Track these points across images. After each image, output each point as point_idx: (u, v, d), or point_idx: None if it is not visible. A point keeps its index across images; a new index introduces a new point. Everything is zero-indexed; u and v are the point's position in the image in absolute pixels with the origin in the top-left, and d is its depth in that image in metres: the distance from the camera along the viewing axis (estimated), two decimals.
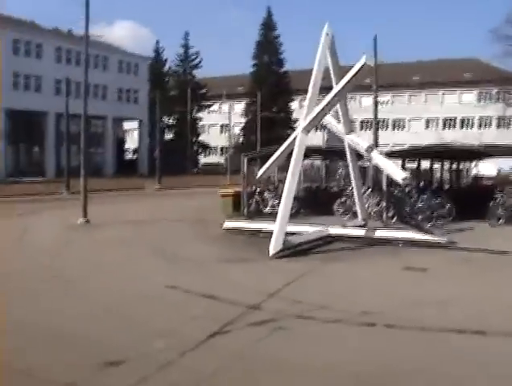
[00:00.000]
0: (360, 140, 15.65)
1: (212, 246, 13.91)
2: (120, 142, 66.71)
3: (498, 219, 18.28)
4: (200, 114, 76.00)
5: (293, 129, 71.11)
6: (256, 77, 68.53)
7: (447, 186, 26.17)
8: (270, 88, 66.48)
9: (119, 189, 39.16)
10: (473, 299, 8.68)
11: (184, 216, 20.38)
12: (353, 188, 17.22)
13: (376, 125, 36.11)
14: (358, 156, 16.68)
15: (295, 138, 14.22)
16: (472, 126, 67.07)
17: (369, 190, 19.87)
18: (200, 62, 75.61)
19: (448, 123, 68.66)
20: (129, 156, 71.61)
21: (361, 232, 14.68)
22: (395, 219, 18.22)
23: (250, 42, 71.61)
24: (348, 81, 13.64)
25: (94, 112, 54.46)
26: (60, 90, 47.44)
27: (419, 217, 18.08)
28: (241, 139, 72.18)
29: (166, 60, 76.15)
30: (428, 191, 19.00)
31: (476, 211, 18.14)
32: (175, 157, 67.16)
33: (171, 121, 75.10)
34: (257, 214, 20.19)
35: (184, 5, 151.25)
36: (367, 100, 72.30)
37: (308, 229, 14.74)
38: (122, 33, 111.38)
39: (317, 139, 60.12)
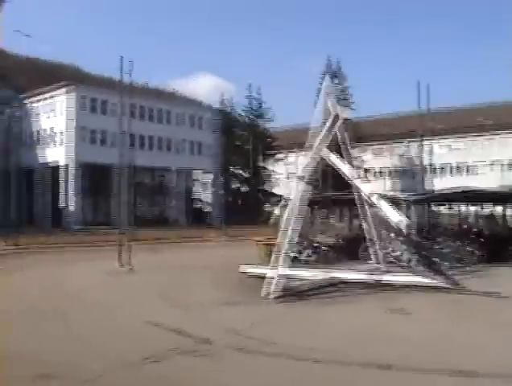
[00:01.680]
0: (363, 185, 16.33)
1: (220, 290, 14.82)
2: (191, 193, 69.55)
3: None
4: (272, 166, 77.97)
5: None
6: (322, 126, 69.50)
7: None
8: (336, 137, 67.16)
9: (184, 239, 41.03)
10: (427, 340, 9.12)
11: (219, 264, 21.41)
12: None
13: (423, 170, 36.34)
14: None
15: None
16: None
17: (392, 235, 20.20)
18: (270, 116, 77.79)
19: None
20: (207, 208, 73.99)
21: (364, 277, 15.12)
22: (414, 263, 18.46)
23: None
24: (327, 132, 14.66)
25: (163, 164, 58.17)
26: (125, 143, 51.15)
27: (440, 262, 18.35)
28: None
29: (239, 114, 78.86)
30: (451, 237, 19.22)
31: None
32: (249, 208, 69.13)
33: (246, 174, 77.17)
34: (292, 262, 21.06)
35: (262, 60, 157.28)
36: (437, 147, 71.72)
37: (314, 273, 15.38)
38: (207, 87, 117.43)
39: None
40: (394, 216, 14.77)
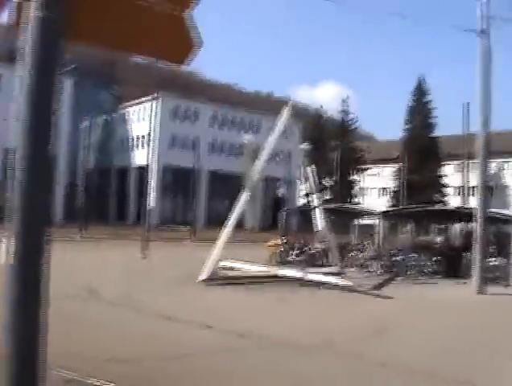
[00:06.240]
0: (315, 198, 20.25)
1: (186, 275, 18.60)
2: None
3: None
4: (358, 177, 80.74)
5: (442, 193, 72.12)
6: (406, 141, 71.20)
7: None
8: (421, 153, 68.77)
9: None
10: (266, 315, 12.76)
11: None
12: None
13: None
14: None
15: None
16: None
17: (366, 243, 23.88)
18: (356, 128, 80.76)
19: None
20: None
21: (297, 275, 18.52)
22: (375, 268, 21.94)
23: None
24: None
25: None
26: (214, 150, 58.22)
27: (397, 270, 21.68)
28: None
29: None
30: (405, 250, 22.38)
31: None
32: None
33: (329, 182, 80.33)
34: (283, 261, 25.03)
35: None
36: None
37: (258, 269, 19.14)
38: (326, 94, 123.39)
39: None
40: (320, 225, 18.60)
